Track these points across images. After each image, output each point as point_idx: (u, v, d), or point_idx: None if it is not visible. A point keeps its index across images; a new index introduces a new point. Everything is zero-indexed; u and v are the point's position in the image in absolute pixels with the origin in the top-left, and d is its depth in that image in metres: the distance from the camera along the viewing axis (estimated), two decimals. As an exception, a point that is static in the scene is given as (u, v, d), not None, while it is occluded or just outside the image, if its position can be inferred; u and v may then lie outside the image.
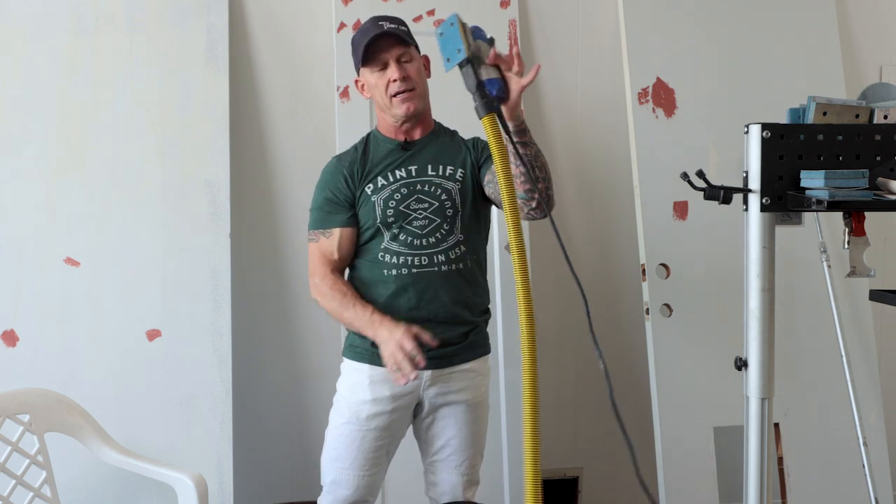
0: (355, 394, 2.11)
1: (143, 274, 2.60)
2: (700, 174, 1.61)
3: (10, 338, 2.52)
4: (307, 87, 2.86)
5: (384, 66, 2.07)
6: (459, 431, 2.16)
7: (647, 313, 2.78)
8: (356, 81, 2.18)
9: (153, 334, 2.59)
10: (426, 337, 1.94)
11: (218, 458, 2.58)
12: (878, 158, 1.59)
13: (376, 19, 2.11)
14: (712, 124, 2.88)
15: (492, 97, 1.56)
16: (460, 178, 2.12)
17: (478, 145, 2.17)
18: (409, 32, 2.11)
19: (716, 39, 2.95)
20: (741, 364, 1.64)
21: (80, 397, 2.34)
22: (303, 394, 2.89)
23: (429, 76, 2.17)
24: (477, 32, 1.64)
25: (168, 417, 2.57)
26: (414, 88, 2.07)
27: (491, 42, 1.68)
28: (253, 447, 2.83)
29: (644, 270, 2.79)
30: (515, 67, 1.73)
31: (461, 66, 1.56)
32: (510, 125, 1.82)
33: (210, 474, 2.50)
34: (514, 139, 1.83)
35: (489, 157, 2.11)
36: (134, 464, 2.24)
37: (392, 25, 2.08)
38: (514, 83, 1.73)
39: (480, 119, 1.50)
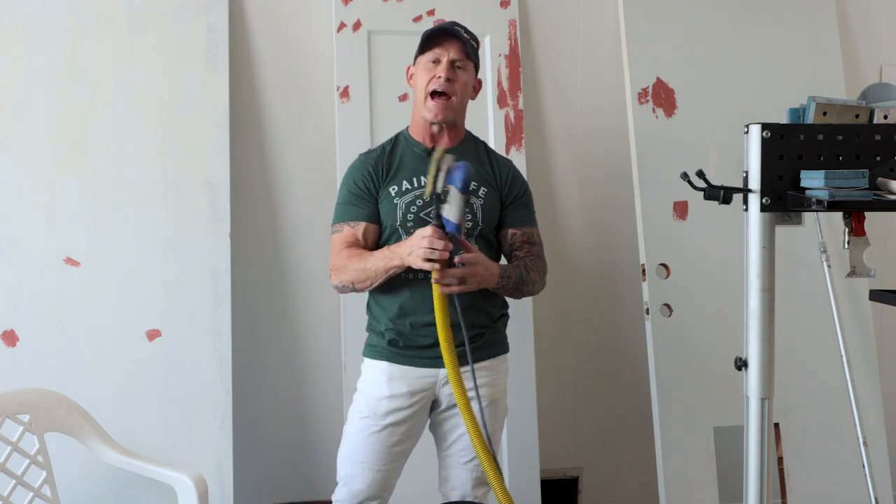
0: (374, 389, 2.14)
1: (143, 274, 2.60)
2: (700, 174, 1.61)
3: (10, 338, 2.52)
4: (307, 87, 2.85)
5: (437, 62, 2.12)
6: None
7: (647, 313, 2.78)
8: (408, 69, 2.23)
9: (153, 334, 2.59)
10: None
11: (218, 458, 2.58)
12: (878, 158, 1.59)
13: (454, 23, 2.18)
14: (712, 124, 2.88)
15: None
16: (483, 195, 2.16)
17: (514, 186, 2.23)
18: (476, 50, 2.17)
19: (716, 39, 2.95)
20: (741, 364, 1.64)
21: (80, 397, 2.33)
22: (303, 394, 2.89)
23: (473, 98, 2.22)
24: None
25: (168, 417, 2.57)
26: (452, 97, 2.11)
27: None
28: (253, 447, 2.83)
29: (644, 270, 2.79)
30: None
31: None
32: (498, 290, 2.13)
33: (210, 474, 2.50)
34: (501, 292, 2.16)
35: (517, 208, 2.22)
36: (134, 464, 2.24)
37: (466, 35, 2.15)
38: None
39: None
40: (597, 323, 3.13)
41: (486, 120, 2.87)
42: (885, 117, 1.66)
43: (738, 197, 1.61)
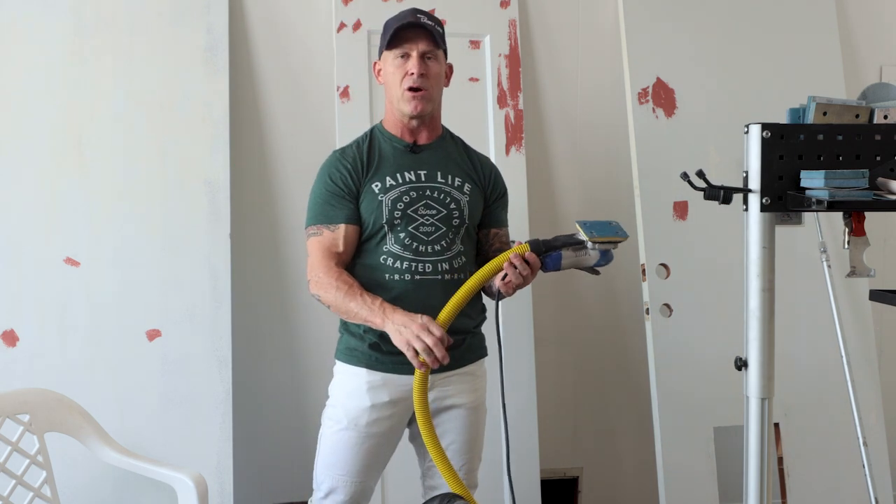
0: (353, 399, 2.07)
1: (142, 274, 2.60)
2: (700, 174, 1.61)
3: (10, 338, 2.52)
4: (307, 87, 2.86)
5: (406, 56, 2.05)
6: (459, 435, 2.13)
7: (647, 313, 2.78)
8: (375, 64, 2.17)
9: (153, 334, 2.59)
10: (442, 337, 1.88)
11: (218, 458, 2.58)
12: (878, 158, 1.59)
13: (415, 10, 2.10)
14: (712, 124, 2.88)
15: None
16: (468, 192, 2.12)
17: (497, 185, 2.20)
18: (443, 36, 2.10)
19: (716, 39, 2.95)
20: (741, 364, 1.64)
21: (80, 397, 2.33)
22: (303, 394, 2.89)
23: (447, 85, 2.16)
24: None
25: (168, 417, 2.57)
26: (427, 90, 2.05)
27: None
28: (253, 447, 2.83)
29: (644, 270, 2.79)
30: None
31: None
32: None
33: (210, 474, 2.50)
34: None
35: (500, 209, 2.21)
36: (134, 464, 2.24)
37: (429, 22, 2.07)
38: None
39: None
40: (597, 323, 3.13)
41: (486, 120, 2.87)
42: (885, 117, 1.65)
43: (738, 197, 1.61)
